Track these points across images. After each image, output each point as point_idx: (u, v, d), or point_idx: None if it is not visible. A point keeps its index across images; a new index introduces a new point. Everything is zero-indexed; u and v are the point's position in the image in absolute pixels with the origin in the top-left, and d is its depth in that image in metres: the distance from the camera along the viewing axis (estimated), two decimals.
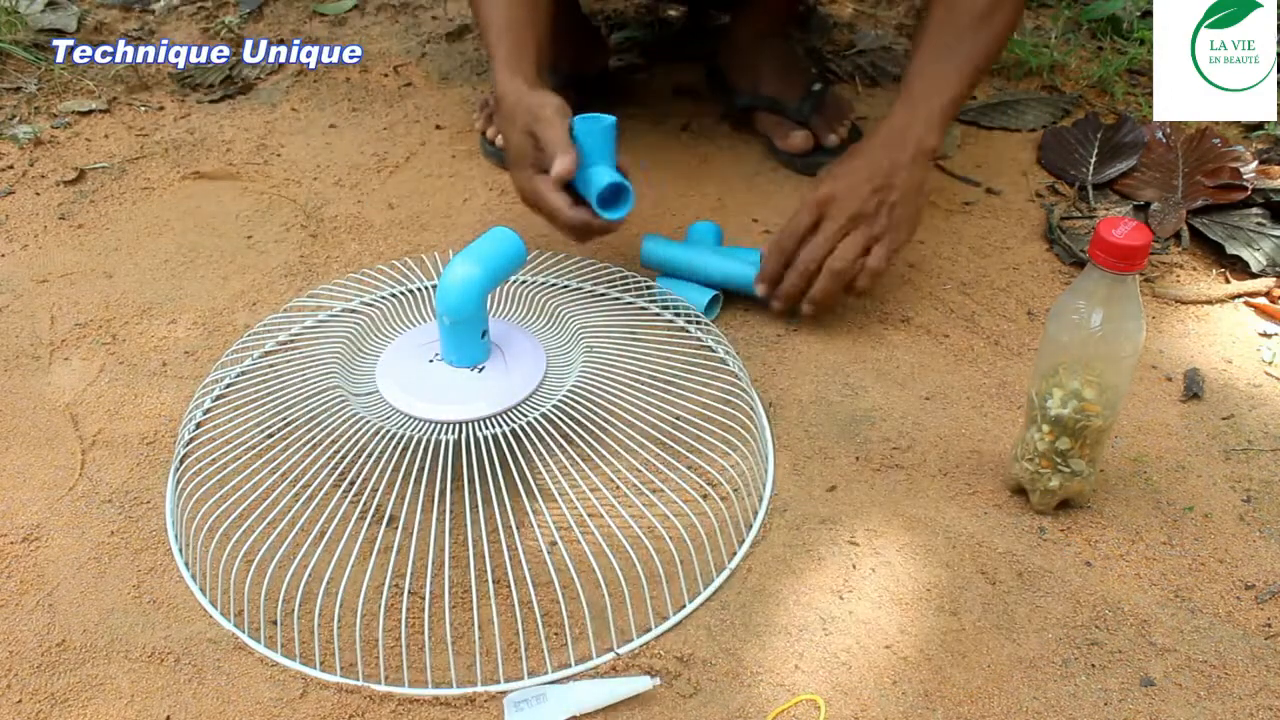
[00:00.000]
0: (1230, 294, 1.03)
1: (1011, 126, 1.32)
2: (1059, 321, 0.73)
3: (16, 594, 0.76)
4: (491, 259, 0.82)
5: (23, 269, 1.09)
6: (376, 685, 0.70)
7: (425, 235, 1.13)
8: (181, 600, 0.76)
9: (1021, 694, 0.69)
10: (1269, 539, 0.79)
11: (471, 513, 0.77)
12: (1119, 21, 1.51)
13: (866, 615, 0.74)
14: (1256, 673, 0.70)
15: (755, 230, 1.13)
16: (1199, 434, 0.88)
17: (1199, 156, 1.21)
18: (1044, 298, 1.03)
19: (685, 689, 0.69)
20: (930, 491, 0.83)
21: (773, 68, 1.25)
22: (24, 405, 0.93)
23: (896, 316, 1.01)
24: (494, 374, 0.83)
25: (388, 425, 0.80)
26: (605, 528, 0.77)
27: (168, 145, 1.31)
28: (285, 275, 1.08)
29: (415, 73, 1.47)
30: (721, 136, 1.30)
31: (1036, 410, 0.77)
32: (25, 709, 0.69)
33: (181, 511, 0.80)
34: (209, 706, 0.69)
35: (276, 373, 0.88)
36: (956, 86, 0.97)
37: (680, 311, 0.99)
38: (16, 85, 1.42)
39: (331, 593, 0.74)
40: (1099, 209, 1.16)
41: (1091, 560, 0.77)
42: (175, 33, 1.58)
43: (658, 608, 0.74)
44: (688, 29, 1.53)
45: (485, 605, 0.74)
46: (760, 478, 0.84)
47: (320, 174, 1.25)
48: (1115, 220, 0.68)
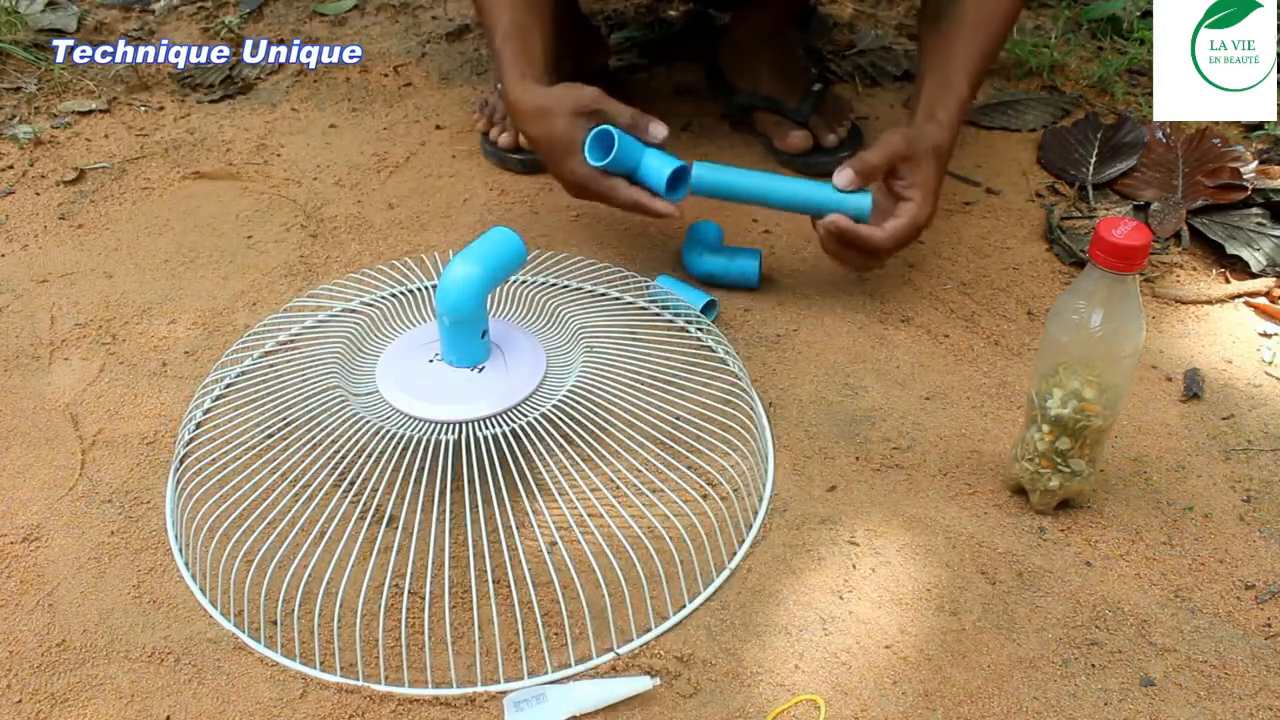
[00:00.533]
0: (1230, 294, 1.03)
1: (1011, 126, 1.32)
2: (1059, 321, 0.73)
3: (16, 594, 0.76)
4: (491, 259, 0.82)
5: (23, 269, 1.09)
6: (376, 685, 0.70)
7: (425, 235, 1.13)
8: (181, 600, 0.76)
9: (1021, 694, 0.69)
10: (1269, 539, 0.79)
11: (471, 513, 0.77)
12: (1119, 21, 1.51)
13: (866, 615, 0.74)
14: (1256, 673, 0.70)
15: (755, 230, 1.13)
16: (1199, 434, 0.88)
17: (1199, 156, 1.21)
18: (1044, 298, 1.03)
19: (685, 689, 0.69)
20: (930, 491, 0.83)
21: (772, 68, 1.25)
22: (24, 405, 0.93)
23: (896, 316, 1.01)
24: (494, 374, 0.83)
25: (388, 425, 0.80)
26: (605, 528, 0.77)
27: (168, 145, 1.31)
28: (285, 275, 1.08)
29: (415, 73, 1.47)
30: (721, 136, 1.30)
31: (1036, 410, 0.77)
32: (25, 709, 0.69)
33: (181, 511, 0.80)
34: (209, 706, 0.69)
35: (276, 373, 0.88)
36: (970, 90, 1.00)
37: (680, 312, 0.99)
38: (16, 85, 1.42)
39: (331, 593, 0.74)
40: (1099, 209, 1.16)
41: (1091, 560, 0.77)
42: (175, 33, 1.58)
43: (658, 608, 0.74)
44: (688, 29, 1.53)
45: (485, 605, 0.74)
46: (760, 478, 0.84)
47: (320, 174, 1.25)
48: (1115, 220, 0.68)
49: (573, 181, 0.96)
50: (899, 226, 0.94)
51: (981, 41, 0.99)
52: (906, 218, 0.94)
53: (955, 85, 0.98)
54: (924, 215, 0.95)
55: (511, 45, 0.98)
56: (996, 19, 1.00)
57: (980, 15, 0.99)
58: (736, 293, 1.04)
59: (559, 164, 0.96)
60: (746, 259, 1.02)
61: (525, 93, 0.95)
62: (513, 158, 1.23)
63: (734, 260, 1.02)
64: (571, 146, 0.94)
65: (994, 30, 1.00)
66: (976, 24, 0.99)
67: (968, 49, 0.99)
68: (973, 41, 0.99)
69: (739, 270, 1.02)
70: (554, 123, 0.94)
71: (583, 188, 0.96)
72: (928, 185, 0.95)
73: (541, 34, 0.99)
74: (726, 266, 1.02)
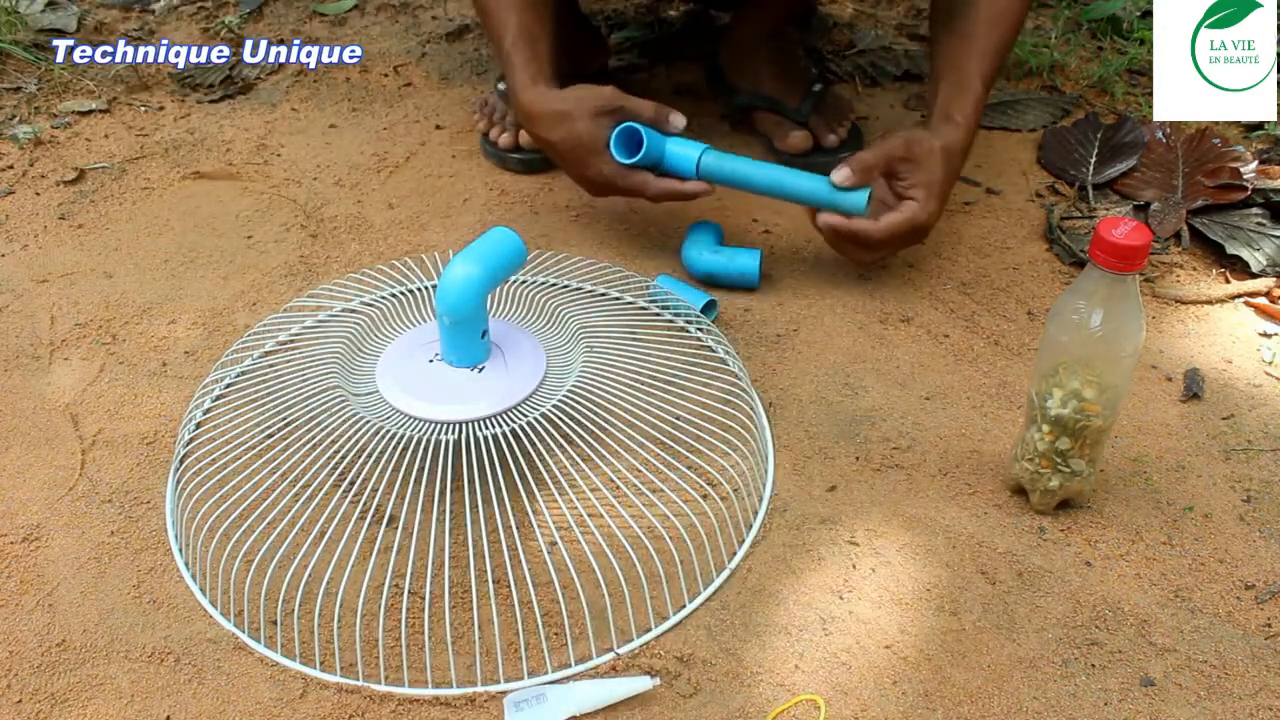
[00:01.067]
0: (1230, 294, 1.03)
1: (1011, 126, 1.32)
2: (1059, 321, 0.73)
3: (16, 594, 0.76)
4: (491, 259, 0.82)
5: (23, 269, 1.09)
6: (376, 685, 0.70)
7: (425, 235, 1.13)
8: (181, 600, 0.76)
9: (1021, 694, 0.69)
10: (1269, 539, 0.79)
11: (471, 513, 0.77)
12: (1119, 21, 1.51)
13: (866, 615, 0.74)
14: (1256, 673, 0.70)
15: (755, 230, 1.13)
16: (1199, 434, 0.88)
17: (1199, 156, 1.21)
18: (1044, 298, 1.03)
19: (685, 689, 0.69)
20: (930, 491, 0.83)
21: (773, 68, 1.25)
22: (24, 405, 0.93)
23: (896, 316, 1.01)
24: (494, 374, 0.83)
25: (388, 425, 0.80)
26: (605, 528, 0.77)
27: (168, 145, 1.31)
28: (285, 275, 1.08)
29: (415, 73, 1.47)
30: (721, 136, 1.30)
31: (1036, 410, 0.77)
32: (25, 709, 0.69)
33: (181, 511, 0.80)
34: (209, 706, 0.69)
35: (276, 373, 0.88)
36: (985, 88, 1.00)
37: (680, 311, 0.99)
38: (16, 85, 1.42)
39: (331, 593, 0.74)
40: (1099, 209, 1.16)
41: (1091, 560, 0.77)
42: (175, 33, 1.58)
43: (658, 608, 0.74)
44: (688, 29, 1.53)
45: (485, 605, 0.74)
46: (760, 478, 0.84)
47: (320, 174, 1.25)
48: (1115, 220, 0.68)
49: (599, 182, 0.97)
50: (894, 222, 0.95)
51: (996, 39, 0.99)
52: (904, 215, 0.95)
53: (971, 85, 0.98)
54: (924, 214, 0.95)
55: (521, 50, 0.98)
56: (1009, 16, 1.00)
57: (994, 12, 0.99)
58: (736, 293, 1.04)
59: (583, 165, 0.96)
60: (747, 259, 1.02)
61: (541, 97, 0.96)
62: (513, 157, 1.23)
63: (734, 260, 1.02)
64: (595, 147, 0.95)
65: (1007, 27, 1.00)
66: (991, 21, 0.99)
67: (983, 47, 0.99)
68: (988, 39, 0.99)
69: (739, 270, 1.02)
70: (575, 125, 0.94)
71: (609, 186, 0.97)
72: (931, 186, 0.95)
73: (548, 37, 1.00)
74: (726, 266, 1.02)
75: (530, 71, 0.97)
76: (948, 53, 1.01)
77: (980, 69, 0.99)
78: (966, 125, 0.97)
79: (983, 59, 0.99)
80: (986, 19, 0.99)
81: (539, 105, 0.96)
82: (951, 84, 0.99)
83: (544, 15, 1.01)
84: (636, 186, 0.97)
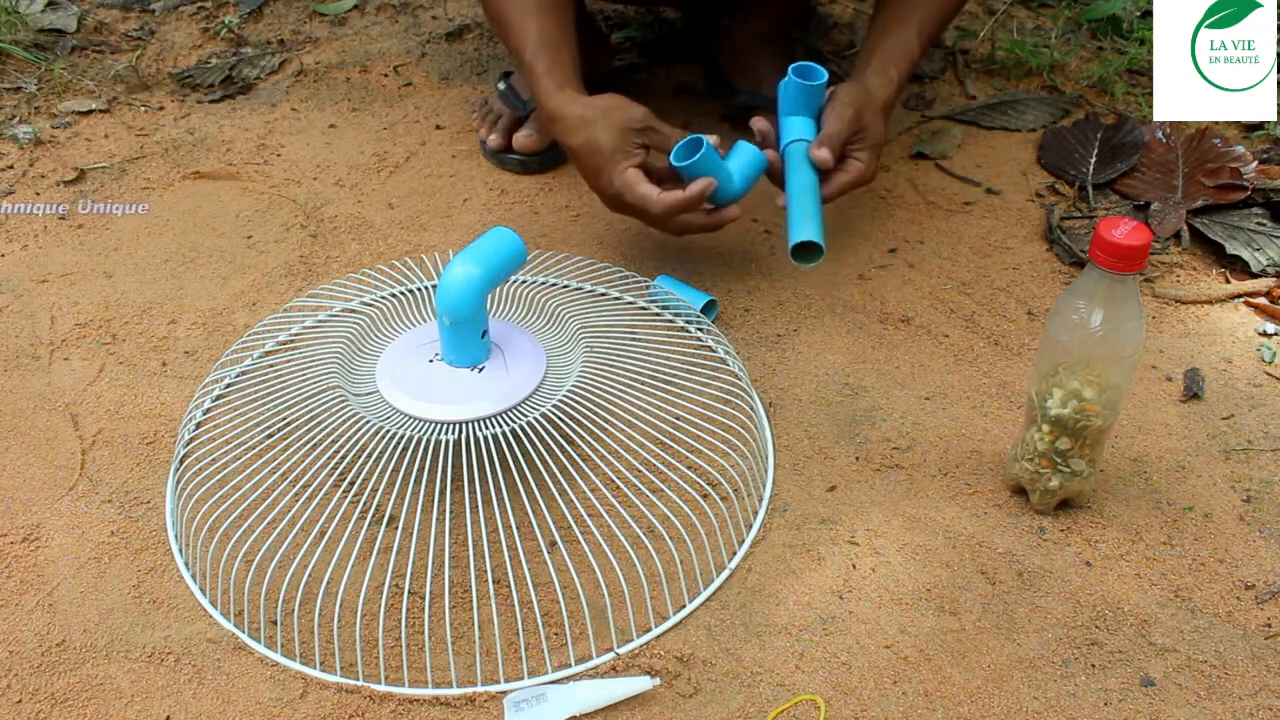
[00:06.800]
0: (1230, 294, 1.03)
1: (1011, 126, 1.31)
2: (1059, 321, 0.73)
3: (16, 594, 0.76)
4: (491, 259, 0.82)
5: (23, 269, 1.09)
6: (376, 685, 0.70)
7: (425, 235, 1.13)
8: (181, 600, 0.76)
9: (1021, 694, 0.69)
10: (1269, 539, 0.79)
11: (471, 513, 0.77)
12: (1119, 21, 1.51)
13: (866, 615, 0.74)
14: (1256, 673, 0.70)
15: (755, 230, 1.13)
16: (1199, 434, 0.88)
17: (1199, 156, 1.21)
18: (1044, 298, 1.03)
19: (685, 689, 0.69)
20: (930, 491, 0.83)
21: (773, 68, 1.25)
22: (24, 405, 0.93)
23: (896, 316, 1.01)
24: (494, 374, 0.83)
25: (388, 425, 0.80)
26: (605, 528, 0.77)
27: (168, 145, 1.31)
28: (285, 275, 1.08)
29: (415, 73, 1.47)
30: (721, 136, 1.29)
31: (1036, 410, 0.77)
32: (25, 709, 0.69)
33: (181, 511, 0.80)
34: (209, 706, 0.69)
35: (276, 373, 0.88)
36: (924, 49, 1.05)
37: (680, 312, 0.99)
38: (16, 85, 1.42)
39: (331, 593, 0.74)
40: (1099, 209, 1.16)
41: (1091, 560, 0.77)
42: (175, 33, 1.58)
43: (658, 608, 0.74)
44: (688, 29, 1.53)
45: (485, 605, 0.74)
46: (760, 478, 0.84)
47: (320, 174, 1.25)
48: (1115, 220, 0.68)
49: (609, 193, 0.96)
50: (843, 183, 1.00)
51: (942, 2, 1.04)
52: (851, 175, 0.99)
53: (910, 43, 1.02)
54: (870, 172, 1.00)
55: (544, 57, 0.97)
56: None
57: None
58: (736, 292, 1.03)
59: (597, 174, 0.96)
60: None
61: (566, 102, 0.95)
62: (510, 158, 1.23)
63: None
64: (612, 159, 0.94)
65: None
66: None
67: (927, 7, 1.03)
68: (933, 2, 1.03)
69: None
70: (598, 133, 0.94)
71: (618, 198, 0.96)
72: (876, 147, 1.00)
73: (570, 43, 1.00)
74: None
75: (555, 78, 0.96)
76: (892, 6, 1.04)
77: (921, 29, 1.02)
78: (900, 81, 1.02)
79: (927, 18, 1.03)
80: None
81: (563, 109, 0.95)
82: (894, 40, 1.02)
83: (565, 21, 1.00)
84: (640, 200, 0.95)
